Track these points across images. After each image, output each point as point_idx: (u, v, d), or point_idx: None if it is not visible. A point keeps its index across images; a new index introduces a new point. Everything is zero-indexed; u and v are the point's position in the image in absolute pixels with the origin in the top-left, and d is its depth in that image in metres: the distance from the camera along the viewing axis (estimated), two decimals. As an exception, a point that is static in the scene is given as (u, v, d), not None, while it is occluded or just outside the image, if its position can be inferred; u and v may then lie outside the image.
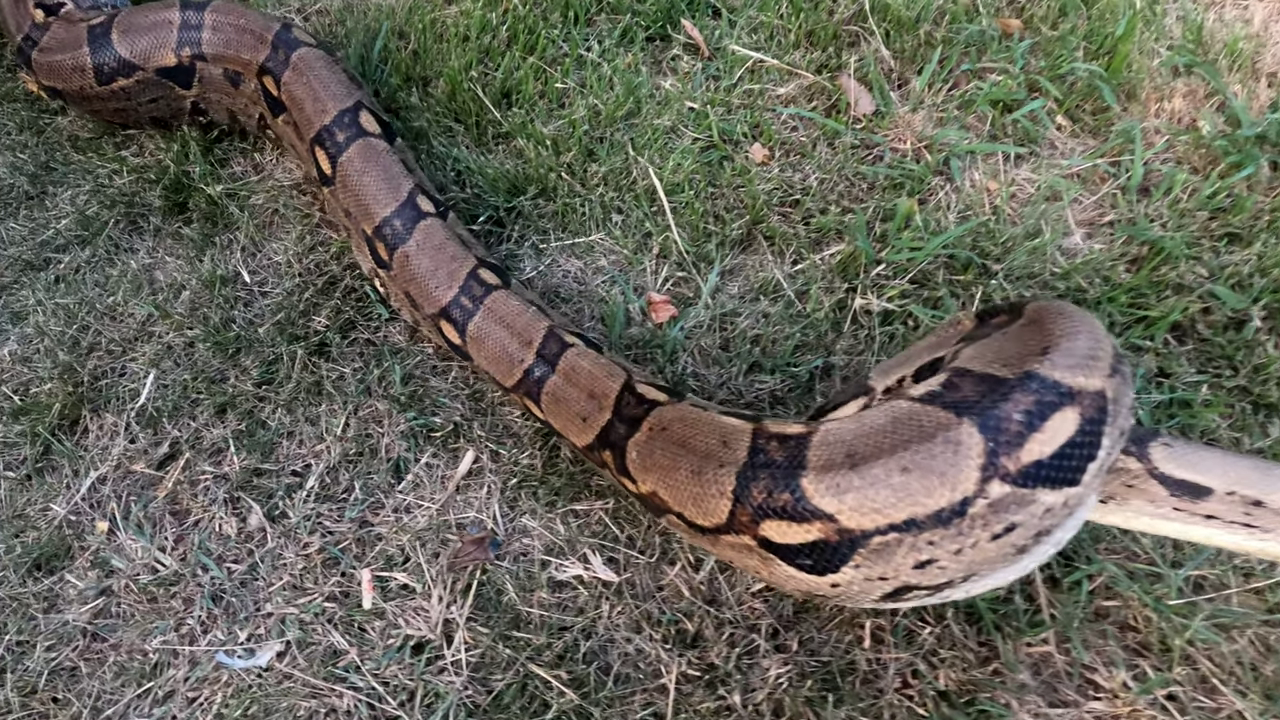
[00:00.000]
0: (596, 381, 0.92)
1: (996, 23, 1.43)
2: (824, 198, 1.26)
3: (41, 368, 1.16)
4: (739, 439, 0.77)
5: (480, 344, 1.00)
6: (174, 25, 1.26)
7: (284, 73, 1.20)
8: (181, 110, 1.35)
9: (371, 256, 1.10)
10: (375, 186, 1.09)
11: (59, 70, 1.30)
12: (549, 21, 1.49)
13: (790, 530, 0.69)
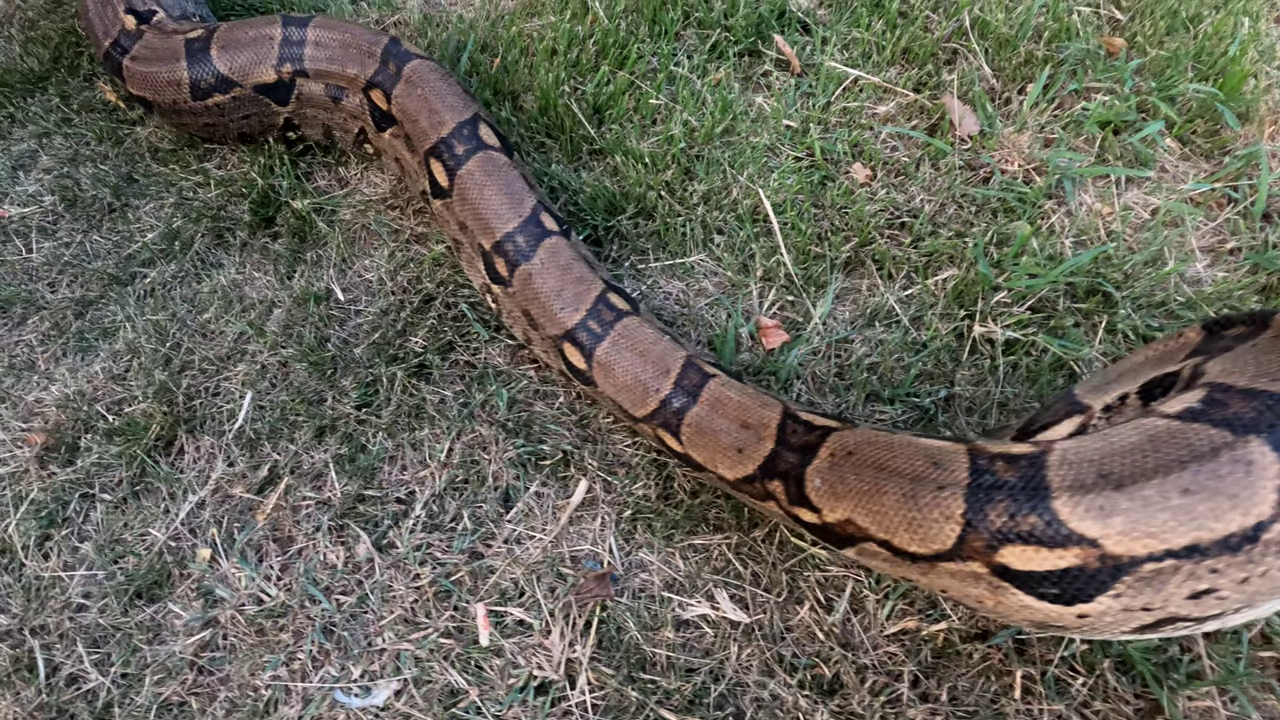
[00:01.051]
0: (749, 411, 0.88)
1: (1101, 41, 1.40)
2: (933, 220, 1.22)
3: (135, 386, 1.13)
4: (953, 460, 0.72)
5: (609, 371, 0.96)
6: (275, 41, 1.23)
7: (395, 86, 1.18)
8: (272, 126, 1.33)
9: (486, 272, 1.07)
10: (497, 201, 1.07)
11: (153, 82, 1.28)
12: (637, 36, 1.46)
13: (1038, 556, 0.64)
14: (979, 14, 1.42)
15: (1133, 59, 1.36)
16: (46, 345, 1.19)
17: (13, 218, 1.35)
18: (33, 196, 1.37)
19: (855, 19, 1.47)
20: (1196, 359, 0.74)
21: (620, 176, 1.28)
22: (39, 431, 1.09)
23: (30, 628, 0.94)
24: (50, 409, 1.11)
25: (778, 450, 0.83)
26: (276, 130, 1.33)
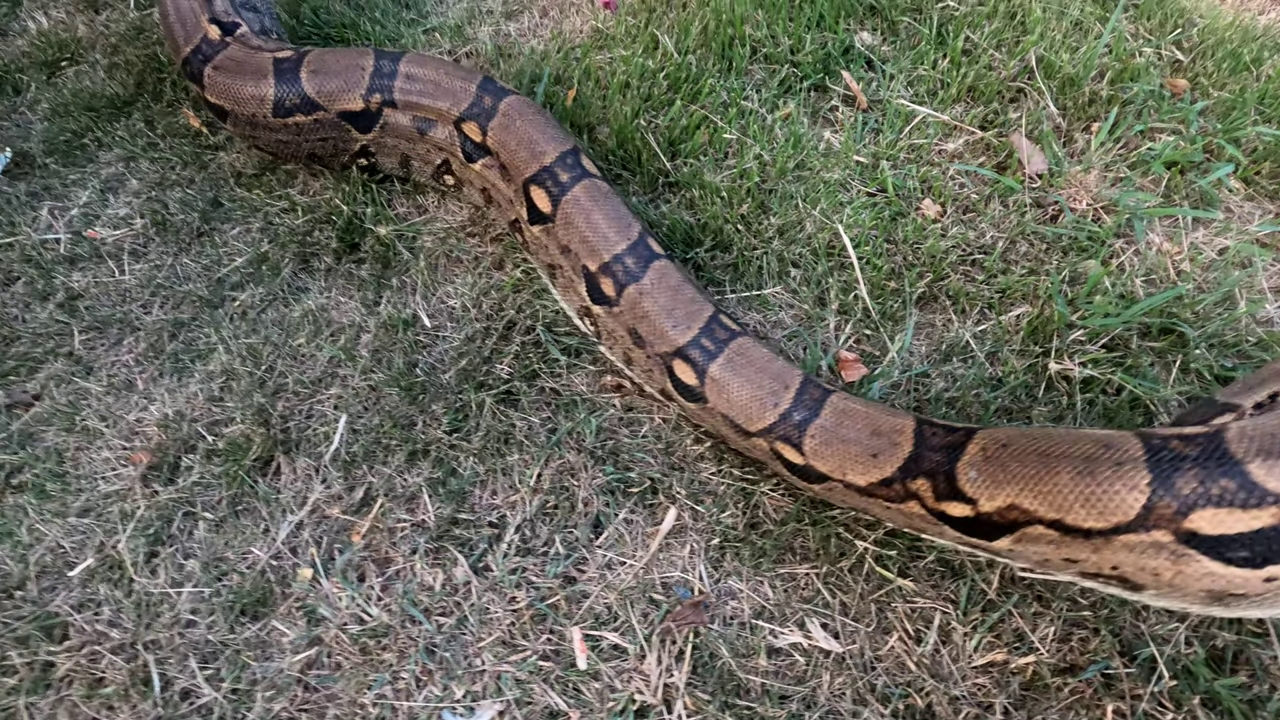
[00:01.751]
0: (878, 421, 0.92)
1: (1165, 83, 1.42)
2: (1004, 257, 1.25)
3: (232, 407, 1.17)
4: (1124, 442, 0.75)
5: (723, 387, 1.00)
6: (366, 71, 1.27)
7: (492, 120, 1.22)
8: (346, 151, 1.36)
9: (589, 293, 1.11)
10: (604, 224, 1.11)
11: (235, 93, 1.31)
12: (708, 70, 1.50)
13: (1230, 519, 0.67)
14: (1044, 53, 1.46)
15: (1196, 100, 1.39)
16: (144, 366, 1.23)
17: (104, 240, 1.39)
18: (123, 219, 1.42)
19: (919, 56, 1.51)
20: None
21: (697, 210, 1.32)
22: (142, 451, 1.13)
23: (143, 642, 0.98)
24: (152, 428, 1.15)
25: (919, 451, 0.87)
26: (349, 155, 1.37)
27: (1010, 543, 0.81)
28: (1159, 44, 1.49)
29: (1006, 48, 1.50)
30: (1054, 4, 1.55)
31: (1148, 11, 1.54)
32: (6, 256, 1.37)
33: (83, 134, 1.56)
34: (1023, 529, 0.78)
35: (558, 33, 1.64)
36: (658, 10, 1.63)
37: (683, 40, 1.55)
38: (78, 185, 1.48)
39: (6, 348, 1.26)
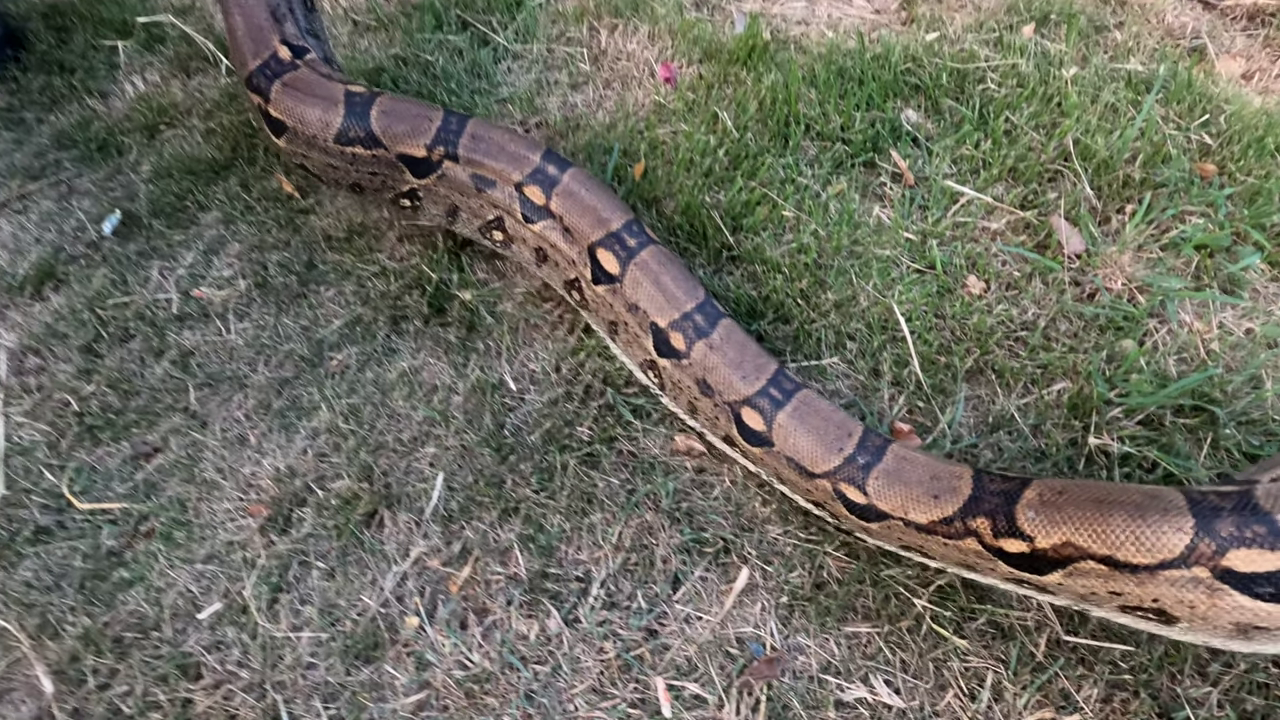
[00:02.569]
0: (937, 468, 1.04)
1: (1195, 168, 1.53)
2: (1045, 334, 1.35)
3: (338, 464, 1.28)
4: (1167, 496, 0.89)
5: (789, 432, 1.11)
6: (433, 125, 1.36)
7: (556, 186, 1.32)
8: (394, 190, 1.44)
9: (656, 348, 1.22)
10: (673, 286, 1.22)
11: (301, 113, 1.37)
12: (766, 148, 1.61)
13: (1261, 558, 0.80)
14: (1080, 137, 1.56)
15: (1225, 185, 1.49)
16: (254, 421, 1.35)
17: (211, 300, 1.52)
18: (227, 280, 1.54)
19: (962, 136, 1.62)
20: None
21: (759, 283, 1.43)
22: (258, 504, 1.24)
23: (271, 682, 1.09)
24: (266, 482, 1.27)
25: (978, 494, 0.99)
26: (395, 194, 1.45)
27: (1061, 577, 0.93)
28: (1188, 128, 1.59)
29: (1045, 130, 1.61)
30: (1089, 88, 1.66)
31: (1177, 96, 1.64)
32: (123, 314, 1.49)
33: (184, 196, 1.69)
34: (1074, 564, 0.91)
35: (621, 105, 1.76)
36: (715, 86, 1.75)
37: (740, 116, 1.67)
38: (183, 246, 1.60)
39: (128, 401, 1.38)
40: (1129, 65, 1.71)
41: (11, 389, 1.40)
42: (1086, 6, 1.86)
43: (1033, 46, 1.74)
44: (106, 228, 1.63)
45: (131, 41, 2.01)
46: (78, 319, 1.48)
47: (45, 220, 1.67)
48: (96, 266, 1.57)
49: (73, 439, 1.34)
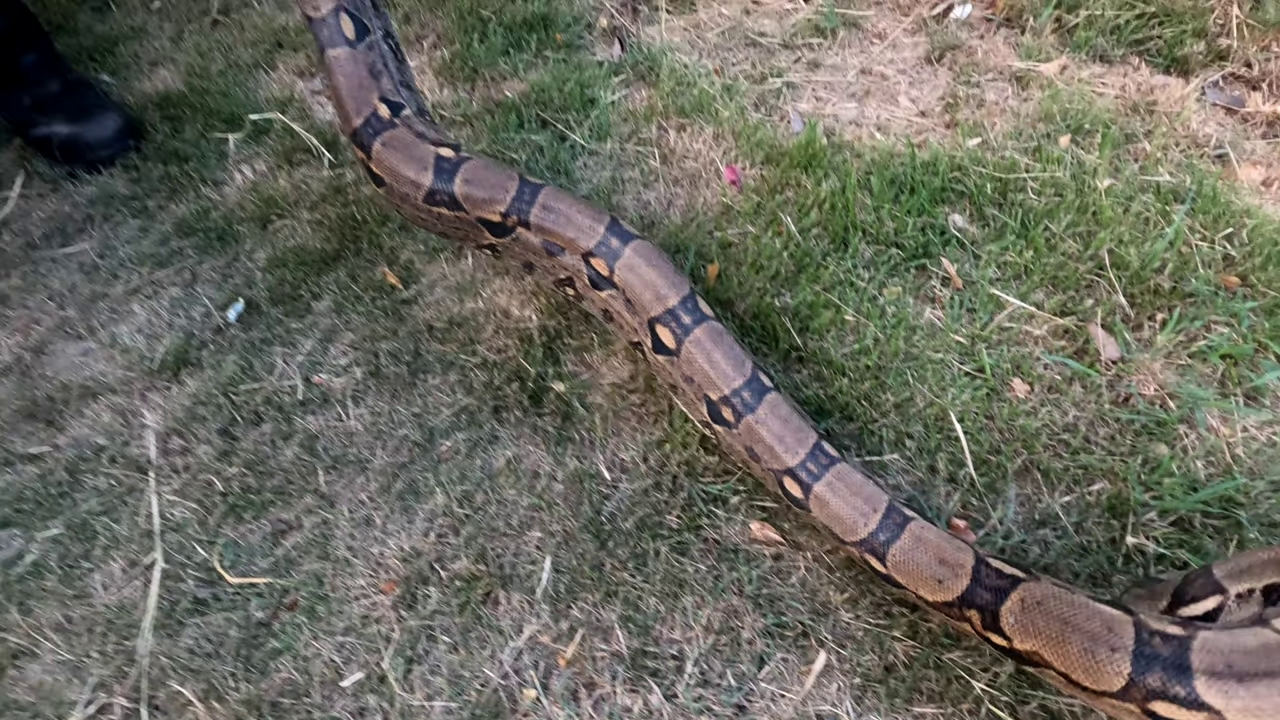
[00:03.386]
0: (946, 551, 1.19)
1: (1220, 279, 1.68)
2: (1085, 436, 1.50)
3: (456, 545, 1.45)
4: (1123, 629, 1.02)
5: (824, 503, 1.28)
6: (509, 193, 1.49)
7: (618, 260, 1.45)
8: (476, 242, 1.58)
9: (710, 416, 1.40)
10: (723, 364, 1.38)
11: (397, 173, 1.51)
12: (827, 251, 1.78)
13: (1179, 712, 0.95)
14: (1115, 248, 1.72)
15: (1248, 298, 1.65)
16: (377, 503, 1.52)
17: (330, 386, 1.69)
18: (344, 368, 1.72)
19: (1005, 243, 1.78)
20: None
21: (825, 384, 1.59)
22: (389, 581, 1.41)
23: (411, 747, 1.25)
24: (393, 562, 1.43)
25: (974, 587, 1.14)
26: (477, 245, 1.60)
27: (1034, 671, 1.11)
28: (1213, 240, 1.75)
29: (1081, 239, 1.77)
30: (1121, 198, 1.82)
31: (1204, 208, 1.80)
32: (253, 399, 1.67)
33: (298, 285, 1.87)
34: (1042, 669, 1.07)
35: (690, 205, 1.94)
36: (778, 190, 1.92)
37: (802, 220, 1.84)
38: (300, 334, 1.79)
39: (264, 481, 1.56)
40: (1158, 177, 1.87)
41: (161, 469, 1.58)
42: (1118, 116, 2.03)
43: (1069, 157, 1.91)
44: (231, 315, 1.82)
45: (240, 134, 2.20)
46: (214, 403, 1.66)
47: (175, 306, 1.86)
48: (225, 352, 1.76)
49: (219, 516, 1.51)
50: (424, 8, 2.56)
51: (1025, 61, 2.20)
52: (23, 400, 1.70)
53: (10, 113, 2.19)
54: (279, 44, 2.50)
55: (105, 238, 2.01)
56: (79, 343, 1.80)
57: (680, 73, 2.23)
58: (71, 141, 2.16)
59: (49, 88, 2.17)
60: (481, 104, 2.24)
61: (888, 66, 2.31)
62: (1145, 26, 2.24)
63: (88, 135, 2.16)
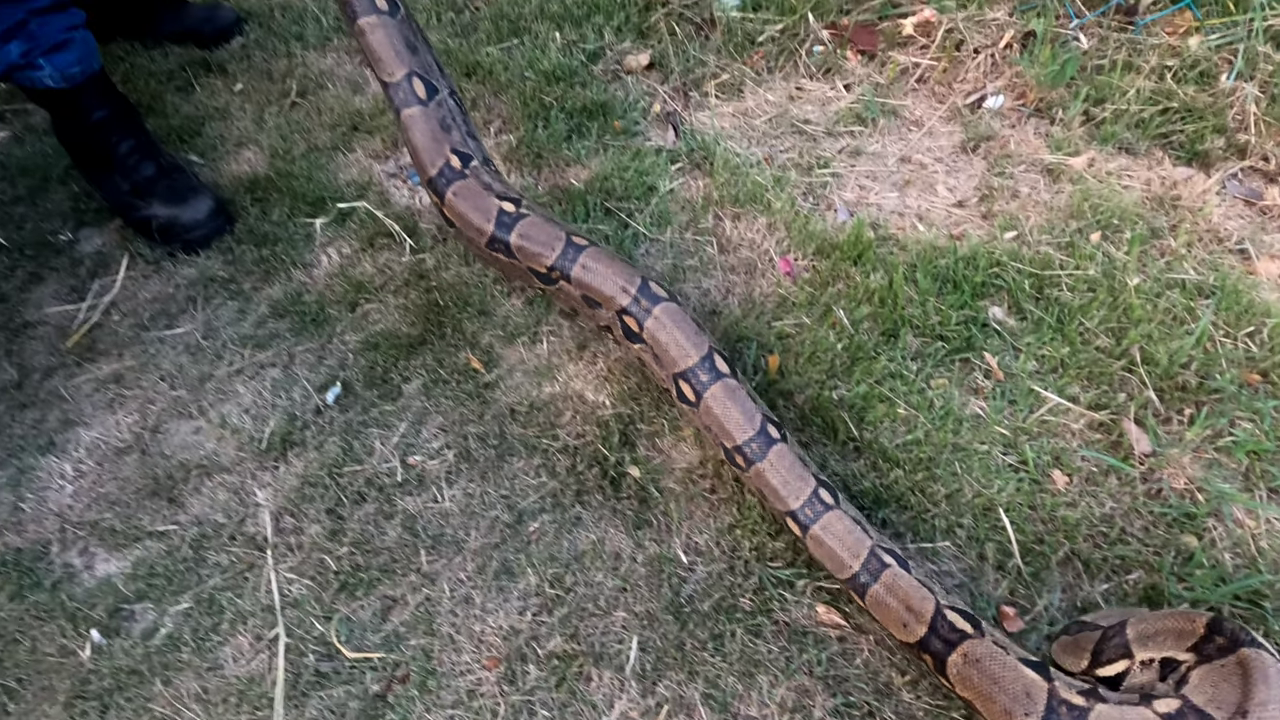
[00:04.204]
0: (911, 599, 1.40)
1: (1243, 376, 1.82)
2: (1122, 529, 1.65)
3: (550, 624, 1.60)
4: (1038, 695, 1.22)
5: (820, 543, 1.50)
6: (555, 250, 1.71)
7: (647, 319, 1.66)
8: (529, 286, 1.83)
9: (729, 460, 1.64)
10: (738, 415, 1.60)
11: (465, 218, 1.74)
12: (878, 344, 1.94)
13: None
14: (1145, 345, 1.87)
15: (1270, 395, 1.79)
16: (475, 582, 1.67)
17: (424, 468, 1.85)
18: (436, 451, 1.88)
19: (1042, 337, 1.93)
20: (1192, 655, 1.18)
21: (881, 474, 1.74)
22: (492, 658, 1.56)
23: (521, 815, 1.39)
24: (494, 639, 1.59)
25: (929, 636, 1.36)
26: (530, 288, 1.85)
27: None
28: (1235, 336, 1.89)
29: (1113, 334, 1.92)
30: (1149, 295, 1.97)
31: (1227, 305, 1.94)
32: (356, 481, 1.83)
33: (388, 369, 2.04)
34: (976, 714, 1.30)
35: (748, 295, 2.10)
36: (830, 282, 2.08)
37: (854, 313, 2.00)
38: (394, 416, 1.95)
39: (372, 559, 1.71)
40: (1184, 274, 2.02)
41: (277, 546, 1.74)
42: (1144, 211, 2.18)
43: (1099, 254, 2.06)
44: (330, 397, 1.98)
45: (326, 219, 2.38)
46: (320, 484, 1.82)
47: (276, 387, 2.03)
48: (327, 434, 1.92)
49: (332, 593, 1.67)
50: (489, 92, 2.74)
51: (1055, 155, 2.36)
52: (145, 478, 1.86)
53: (111, 197, 2.38)
54: (354, 126, 2.69)
55: (207, 319, 2.18)
56: (191, 422, 1.97)
57: (733, 162, 2.40)
58: (169, 224, 2.34)
59: (145, 172, 2.36)
60: (548, 189, 2.41)
61: (925, 155, 2.47)
62: (1168, 121, 2.39)
63: (184, 217, 2.34)
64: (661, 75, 2.78)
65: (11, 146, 2.75)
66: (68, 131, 2.35)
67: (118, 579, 1.70)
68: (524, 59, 2.79)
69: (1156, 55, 2.46)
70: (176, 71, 2.94)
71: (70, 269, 2.33)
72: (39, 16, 2.14)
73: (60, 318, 2.22)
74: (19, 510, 1.81)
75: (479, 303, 2.14)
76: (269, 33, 3.08)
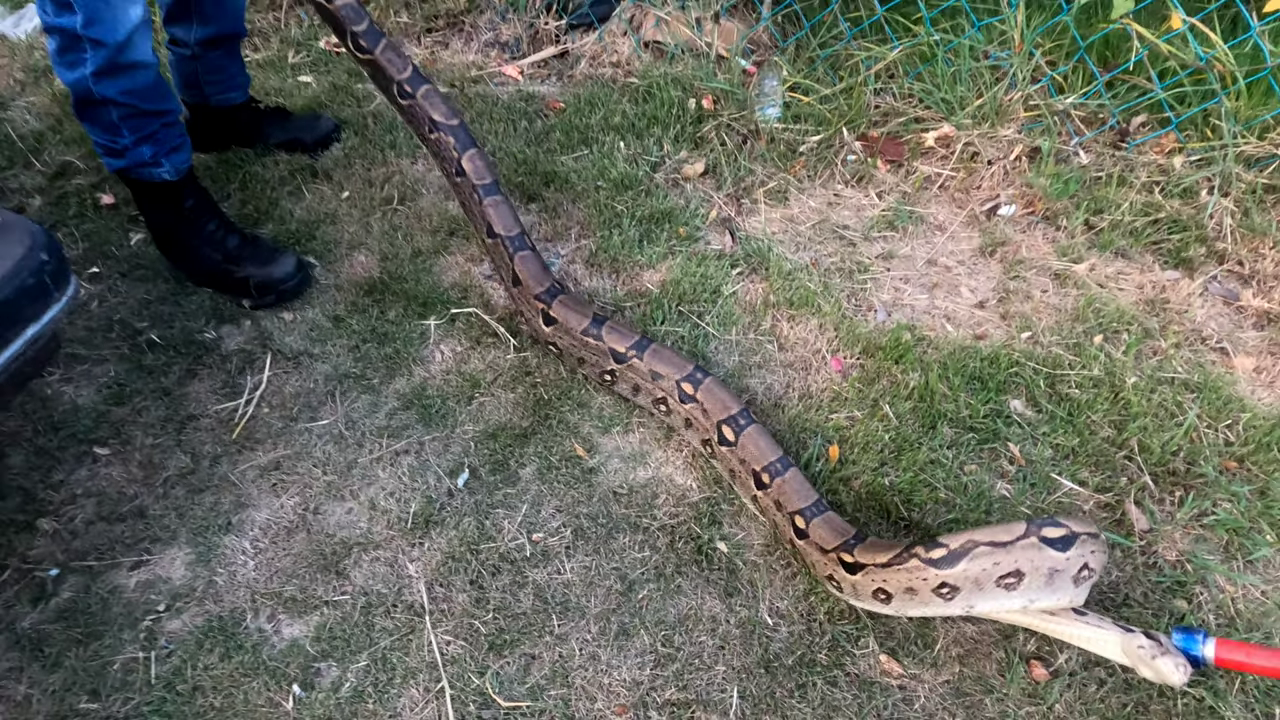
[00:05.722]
0: (840, 525, 1.98)
1: (1223, 464, 2.21)
2: (1126, 595, 2.02)
3: (665, 676, 1.97)
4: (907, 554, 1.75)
5: (816, 537, 1.96)
6: (629, 342, 2.30)
7: (699, 386, 2.23)
8: (598, 367, 2.36)
9: (755, 485, 2.07)
10: (766, 448, 2.11)
11: (566, 320, 2.37)
12: (920, 434, 2.32)
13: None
14: (1141, 438, 2.26)
15: (1246, 480, 2.17)
16: (599, 642, 2.04)
17: (547, 544, 2.23)
18: (555, 529, 2.26)
19: (1055, 428, 2.32)
20: None
21: (928, 549, 2.12)
22: (619, 706, 1.93)
23: (657, 833, 1.76)
24: (620, 690, 1.96)
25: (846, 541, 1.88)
26: (597, 370, 2.36)
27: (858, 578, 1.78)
28: (1216, 427, 2.28)
29: (1115, 426, 2.31)
30: (1144, 392, 2.36)
31: (1209, 399, 2.34)
32: (493, 555, 2.21)
33: (506, 457, 2.42)
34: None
35: (806, 390, 2.49)
36: (875, 380, 2.47)
37: (897, 407, 2.39)
38: (515, 498, 2.33)
39: (512, 623, 2.09)
40: (1173, 372, 2.41)
41: (433, 612, 2.11)
42: (1138, 313, 2.58)
43: (1101, 355, 2.46)
44: (460, 482, 2.37)
45: (439, 320, 2.78)
46: (463, 559, 2.20)
47: (413, 473, 2.41)
48: (461, 514, 2.30)
49: (483, 651, 2.04)
50: (567, 200, 3.15)
51: (1062, 260, 2.77)
52: (314, 554, 2.24)
53: (205, 268, 2.85)
54: (451, 232, 3.09)
55: (346, 412, 2.57)
56: (344, 503, 2.35)
57: (785, 267, 2.80)
58: (264, 281, 2.81)
59: (232, 243, 2.83)
60: (626, 292, 2.81)
61: (949, 258, 2.88)
62: (1158, 230, 2.81)
63: (275, 274, 2.81)
64: (716, 182, 3.20)
65: (148, 248, 3.15)
66: (164, 217, 2.83)
67: (304, 640, 2.07)
68: (594, 168, 3.21)
69: (1146, 172, 2.88)
70: (287, 178, 3.35)
71: (220, 365, 2.72)
72: (166, 127, 2.63)
73: (219, 410, 2.60)
74: (214, 583, 2.19)
75: (576, 397, 2.53)
76: (365, 140, 3.50)
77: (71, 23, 2.31)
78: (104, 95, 2.46)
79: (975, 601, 1.72)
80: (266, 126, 3.47)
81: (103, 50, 2.36)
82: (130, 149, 2.61)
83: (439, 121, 2.72)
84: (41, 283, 1.66)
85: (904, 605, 1.82)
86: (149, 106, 2.56)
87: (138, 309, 2.87)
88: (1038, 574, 1.66)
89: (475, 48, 4.03)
